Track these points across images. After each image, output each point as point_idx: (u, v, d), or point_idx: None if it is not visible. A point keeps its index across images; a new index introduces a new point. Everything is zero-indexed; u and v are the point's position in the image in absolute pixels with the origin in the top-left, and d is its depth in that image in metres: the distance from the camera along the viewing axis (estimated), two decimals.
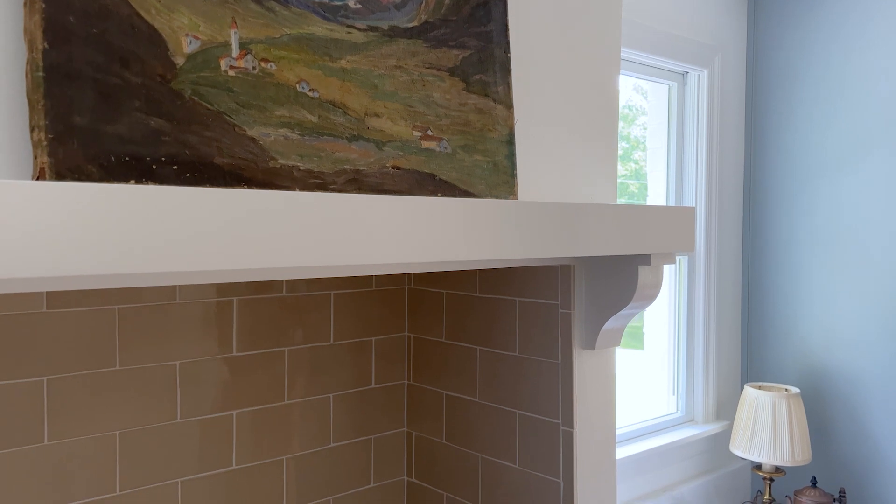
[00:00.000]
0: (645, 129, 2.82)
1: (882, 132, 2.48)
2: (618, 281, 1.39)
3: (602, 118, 1.45)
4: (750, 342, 2.85)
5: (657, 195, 2.72)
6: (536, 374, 1.50)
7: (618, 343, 1.47)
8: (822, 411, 2.65)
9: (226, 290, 1.50)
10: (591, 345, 1.44)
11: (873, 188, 2.52)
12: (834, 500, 2.46)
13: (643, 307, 1.43)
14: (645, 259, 1.33)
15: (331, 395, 1.67)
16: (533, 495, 1.51)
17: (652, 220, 1.25)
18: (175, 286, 1.43)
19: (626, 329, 1.51)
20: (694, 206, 2.71)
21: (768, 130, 2.78)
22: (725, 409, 2.80)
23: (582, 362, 1.44)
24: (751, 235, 2.83)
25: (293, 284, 1.60)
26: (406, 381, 1.81)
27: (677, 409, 2.71)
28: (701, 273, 2.68)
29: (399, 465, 1.80)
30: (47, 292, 1.28)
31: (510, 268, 1.54)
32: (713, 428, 2.68)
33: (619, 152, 1.56)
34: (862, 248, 2.54)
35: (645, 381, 2.76)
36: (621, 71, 2.28)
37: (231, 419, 1.51)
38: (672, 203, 2.69)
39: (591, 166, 1.43)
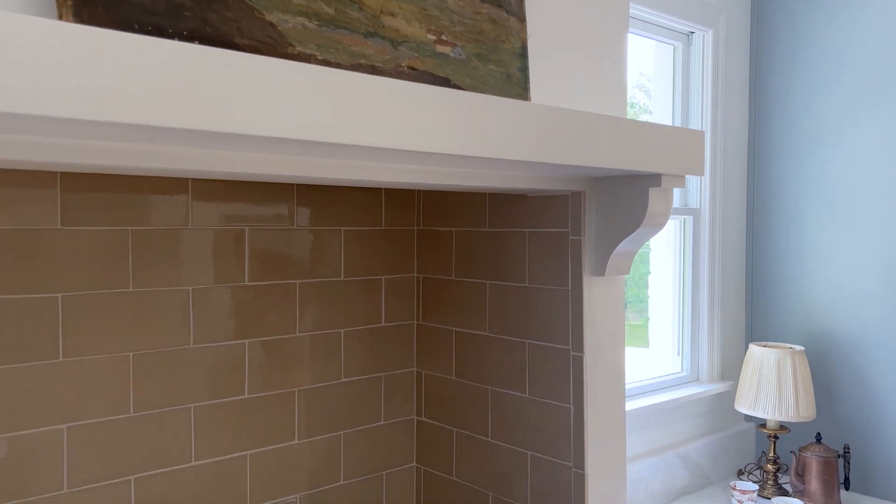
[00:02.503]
0: (649, 93, 2.83)
1: (886, 92, 2.49)
2: (628, 205, 1.40)
3: (612, 40, 1.46)
4: (754, 303, 2.86)
5: None
6: (546, 302, 1.51)
7: (627, 271, 1.48)
8: (826, 371, 2.66)
9: (237, 218, 1.51)
10: (600, 271, 1.44)
11: (877, 147, 2.52)
12: (838, 457, 2.47)
13: (652, 233, 1.44)
14: (655, 180, 1.34)
15: (341, 331, 1.68)
16: (543, 422, 1.52)
17: (662, 138, 1.26)
18: (188, 209, 1.44)
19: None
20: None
21: (772, 91, 2.79)
22: (730, 369, 2.81)
23: (592, 289, 1.46)
24: (755, 196, 2.84)
25: (303, 217, 1.61)
26: (416, 322, 1.82)
27: (682, 369, 2.72)
28: (706, 233, 2.69)
29: (409, 404, 1.82)
30: (61, 207, 1.29)
31: (520, 199, 1.55)
32: (718, 387, 2.69)
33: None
34: (867, 208, 2.55)
35: (651, 342, 2.77)
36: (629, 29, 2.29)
37: (243, 348, 1.53)
38: None
39: (601, 89, 1.44)
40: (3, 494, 1.24)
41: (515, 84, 1.18)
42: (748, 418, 2.89)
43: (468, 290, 1.68)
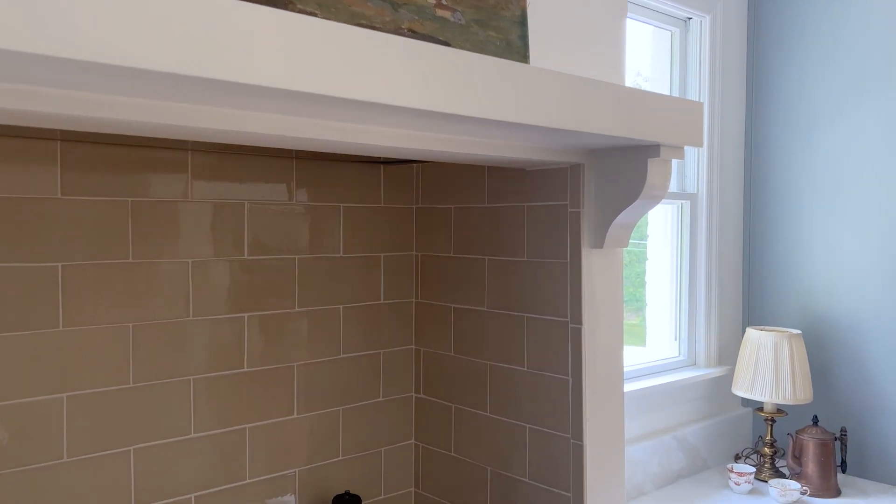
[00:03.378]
0: (646, 79, 2.84)
1: (882, 75, 2.50)
2: (626, 177, 1.40)
3: (611, 14, 1.46)
4: (751, 287, 2.87)
5: None
6: (545, 276, 1.51)
7: (625, 244, 1.49)
8: (823, 355, 2.67)
9: (237, 193, 1.51)
10: (599, 243, 1.45)
11: (874, 131, 2.53)
12: (835, 439, 2.48)
13: (650, 206, 1.44)
14: (654, 151, 1.34)
15: (340, 307, 1.69)
16: (541, 395, 1.52)
17: (662, 107, 1.26)
18: (187, 182, 1.44)
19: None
20: (697, 148, 2.72)
21: (769, 76, 2.79)
22: (727, 354, 2.82)
23: (590, 261, 1.46)
24: (752, 181, 2.85)
25: (302, 193, 1.61)
26: (414, 300, 1.83)
27: (679, 354, 2.73)
28: (703, 218, 2.70)
29: (407, 382, 1.82)
30: (61, 177, 1.29)
31: (519, 173, 1.55)
32: (715, 371, 2.70)
33: None
34: (864, 192, 2.56)
35: (648, 327, 2.78)
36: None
37: (242, 322, 1.53)
38: None
39: (600, 62, 1.45)
40: (3, 463, 1.24)
41: (515, 52, 1.19)
42: (745, 403, 2.90)
43: (467, 267, 1.69)
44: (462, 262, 1.70)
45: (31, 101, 0.78)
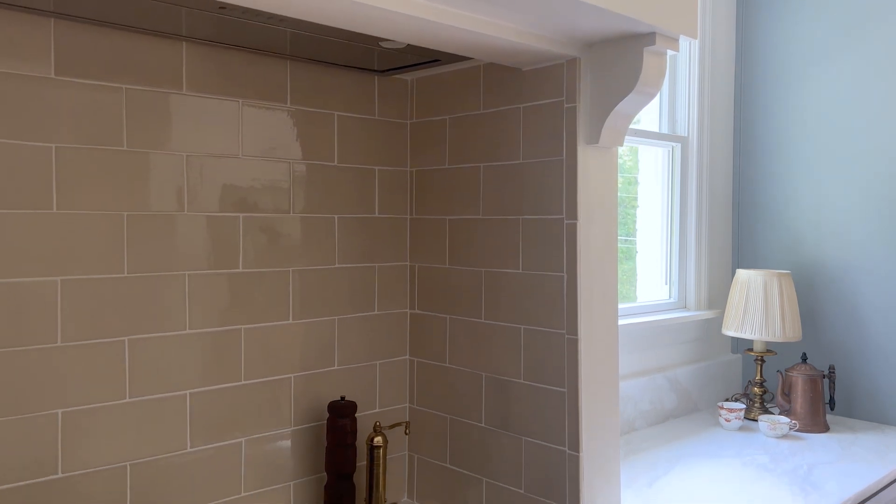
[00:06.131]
0: None
1: (872, 19, 2.52)
2: (622, 70, 1.41)
3: None
4: (741, 231, 2.89)
5: None
6: (541, 176, 1.52)
7: (620, 142, 1.50)
8: (812, 296, 2.70)
9: (232, 89, 1.50)
10: (595, 139, 1.46)
11: (863, 75, 2.55)
12: (823, 376, 2.50)
13: (645, 101, 1.45)
14: (649, 39, 1.35)
15: (335, 217, 1.68)
16: (536, 294, 1.53)
17: None
18: (181, 72, 1.43)
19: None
20: (686, 91, 2.73)
21: (759, 18, 2.81)
22: (717, 298, 2.84)
23: (586, 157, 1.47)
24: (742, 124, 2.87)
25: (297, 97, 1.60)
26: (409, 216, 1.83)
27: (670, 297, 2.75)
28: (693, 161, 2.71)
29: (402, 297, 1.82)
30: (55, 56, 1.28)
31: (515, 75, 1.56)
32: (705, 314, 2.71)
33: None
34: (852, 136, 2.58)
35: (640, 271, 2.79)
36: None
37: (237, 221, 1.52)
38: (665, 92, 2.72)
39: None
40: None
41: None
42: (735, 349, 2.92)
43: (462, 177, 1.69)
44: (457, 172, 1.70)
45: None
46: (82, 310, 1.32)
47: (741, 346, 2.90)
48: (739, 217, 2.90)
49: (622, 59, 1.40)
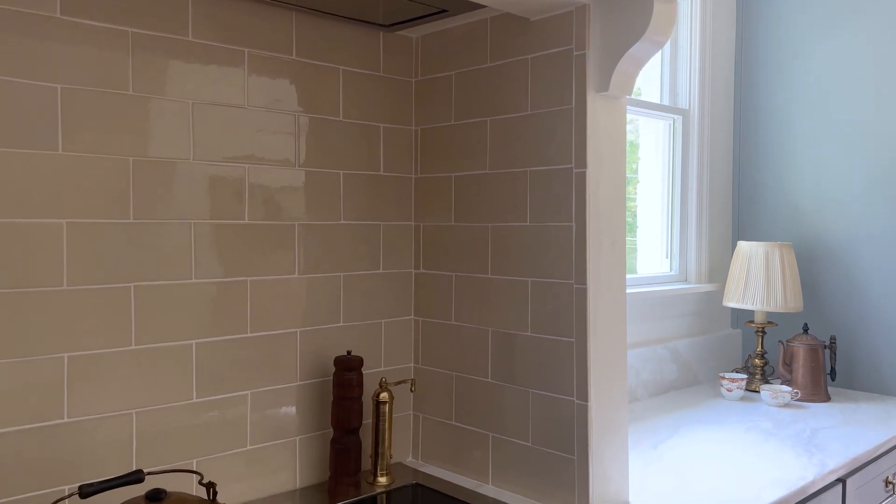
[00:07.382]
0: None
1: None
2: (631, 17, 1.40)
3: None
4: (741, 204, 2.89)
5: None
6: (550, 125, 1.51)
7: (629, 91, 1.49)
8: (813, 269, 2.70)
9: (237, 39, 1.49)
10: (604, 87, 1.45)
11: (864, 49, 2.56)
12: (825, 347, 2.51)
13: (654, 50, 1.45)
14: None
15: (340, 172, 1.67)
16: (543, 245, 1.52)
17: None
18: (188, 19, 1.42)
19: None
20: (688, 69, 2.73)
21: None
22: (717, 272, 2.84)
23: (595, 106, 1.46)
24: (742, 96, 2.87)
25: (302, 48, 1.59)
26: (414, 175, 1.82)
27: (671, 270, 2.75)
28: (694, 134, 2.71)
29: (407, 257, 1.81)
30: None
31: (523, 25, 1.55)
32: (706, 286, 2.71)
33: None
34: (853, 109, 2.59)
35: (640, 245, 2.79)
36: None
37: (243, 171, 1.51)
38: (666, 63, 2.71)
39: None
40: (3, 282, 1.22)
41: None
42: (735, 324, 2.92)
43: (468, 133, 1.68)
44: (463, 128, 1.69)
45: None
46: (88, 254, 1.30)
47: (741, 319, 2.90)
48: (740, 190, 2.90)
49: (632, 5, 1.39)
